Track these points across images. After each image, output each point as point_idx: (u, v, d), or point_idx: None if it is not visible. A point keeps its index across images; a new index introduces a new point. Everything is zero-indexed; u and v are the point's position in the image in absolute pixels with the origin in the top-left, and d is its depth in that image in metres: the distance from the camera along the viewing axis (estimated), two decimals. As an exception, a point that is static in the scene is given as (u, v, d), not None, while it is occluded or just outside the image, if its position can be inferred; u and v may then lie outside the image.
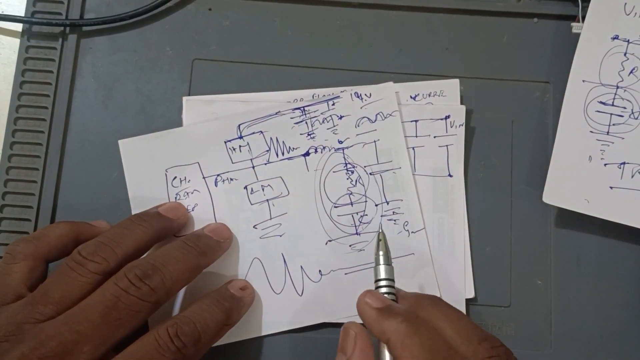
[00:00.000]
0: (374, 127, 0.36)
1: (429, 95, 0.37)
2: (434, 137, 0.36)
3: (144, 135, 0.36)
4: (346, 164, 0.36)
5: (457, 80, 0.37)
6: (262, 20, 0.38)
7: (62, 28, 0.38)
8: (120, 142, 0.36)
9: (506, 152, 0.37)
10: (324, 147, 0.36)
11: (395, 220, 0.35)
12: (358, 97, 0.36)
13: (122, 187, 0.36)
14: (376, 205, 0.35)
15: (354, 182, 0.36)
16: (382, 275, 0.30)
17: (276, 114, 0.36)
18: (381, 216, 0.35)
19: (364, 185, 0.35)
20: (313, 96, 0.37)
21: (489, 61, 0.38)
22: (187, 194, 0.35)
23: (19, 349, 0.26)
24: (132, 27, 0.38)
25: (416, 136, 0.36)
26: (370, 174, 0.36)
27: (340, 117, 0.36)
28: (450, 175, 0.36)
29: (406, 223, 0.35)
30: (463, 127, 0.36)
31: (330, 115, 0.36)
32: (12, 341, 0.26)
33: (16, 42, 0.38)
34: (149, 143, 0.36)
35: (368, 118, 0.36)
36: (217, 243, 0.33)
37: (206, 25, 0.38)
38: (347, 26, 0.38)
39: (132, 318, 0.28)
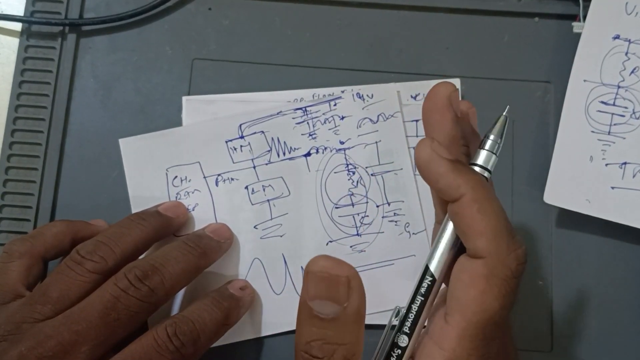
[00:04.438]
0: (375, 128, 0.36)
1: (430, 95, 0.37)
2: None
3: (145, 134, 0.36)
4: (347, 164, 0.36)
5: (457, 80, 0.37)
6: (262, 20, 0.38)
7: (61, 28, 0.38)
8: (120, 140, 0.36)
9: (507, 152, 0.37)
10: (325, 148, 0.36)
11: (396, 222, 0.35)
12: (360, 97, 0.36)
13: (121, 186, 0.36)
14: (377, 206, 0.35)
15: (355, 183, 0.35)
16: (479, 159, 0.25)
17: (278, 114, 0.36)
18: (382, 217, 0.35)
19: (365, 186, 0.35)
20: (313, 96, 0.37)
21: (489, 61, 0.38)
22: (188, 193, 0.35)
23: (18, 348, 0.26)
24: (132, 26, 0.38)
25: (417, 136, 0.36)
26: (372, 175, 0.35)
27: (342, 118, 0.36)
28: None
29: (407, 224, 0.35)
30: (464, 127, 0.36)
31: (332, 116, 0.36)
32: (11, 340, 0.26)
33: (15, 41, 0.38)
34: (150, 142, 0.36)
35: (370, 119, 0.36)
36: (217, 243, 0.33)
37: (206, 25, 0.38)
38: (347, 26, 0.38)
39: (131, 318, 0.28)
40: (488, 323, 0.23)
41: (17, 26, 0.38)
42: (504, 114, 0.25)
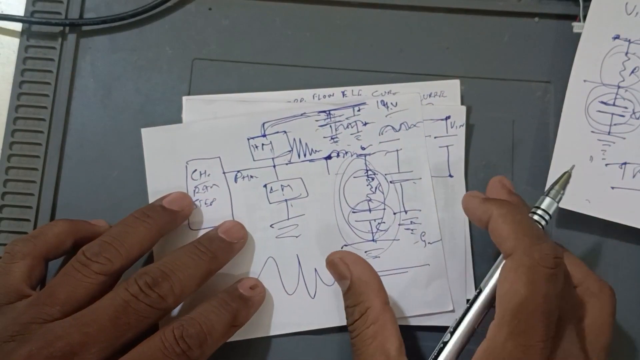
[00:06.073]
0: (397, 136, 0.36)
1: (430, 96, 0.37)
2: (435, 137, 0.36)
3: (167, 126, 0.36)
4: (367, 170, 0.36)
5: (457, 81, 0.37)
6: (262, 20, 0.38)
7: (61, 28, 0.38)
8: (143, 130, 0.36)
9: (507, 152, 0.37)
10: (346, 152, 0.36)
11: (412, 230, 0.35)
12: (384, 105, 0.36)
13: (121, 187, 0.36)
14: (394, 213, 0.35)
15: (373, 189, 0.35)
16: (542, 204, 0.30)
17: (301, 115, 0.36)
18: (398, 225, 0.35)
19: (383, 193, 0.35)
20: (313, 96, 0.37)
21: (489, 61, 0.38)
22: (206, 187, 0.35)
23: (27, 347, 0.26)
24: (132, 26, 0.38)
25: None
26: (391, 182, 0.35)
27: (365, 124, 0.36)
28: (450, 176, 0.36)
29: (423, 233, 0.35)
30: (464, 128, 0.36)
31: (355, 121, 0.36)
32: (19, 340, 0.27)
33: (16, 41, 0.38)
34: (172, 134, 0.36)
35: (392, 127, 0.36)
36: (229, 245, 0.33)
37: (206, 25, 0.38)
38: (347, 26, 0.38)
39: (140, 323, 0.28)
40: (520, 309, 0.26)
41: (17, 26, 0.38)
42: (569, 170, 0.31)
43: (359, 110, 0.36)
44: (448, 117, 0.36)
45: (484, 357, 0.26)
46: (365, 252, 0.35)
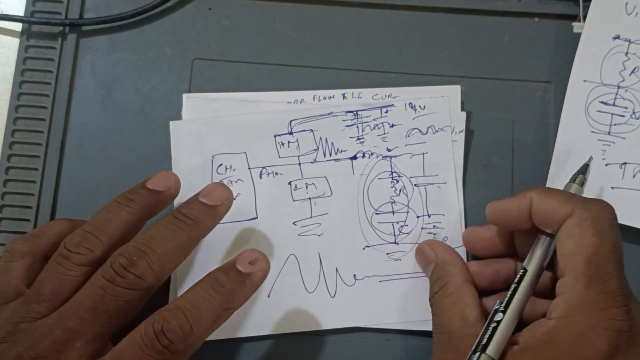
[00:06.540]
0: (424, 139, 0.36)
1: (430, 99, 0.37)
2: None
3: (195, 119, 0.36)
4: (392, 172, 0.36)
5: (458, 87, 0.37)
6: (262, 20, 0.38)
7: (61, 28, 0.38)
8: (171, 123, 0.36)
9: (507, 152, 0.37)
10: (372, 153, 0.36)
11: (435, 234, 0.35)
12: (412, 108, 0.36)
13: (121, 187, 0.36)
14: (417, 216, 0.35)
15: (397, 191, 0.35)
16: (570, 190, 0.31)
17: (329, 114, 0.36)
18: (421, 228, 0.35)
19: (407, 196, 0.35)
20: (314, 97, 0.37)
21: (489, 61, 0.38)
22: (231, 182, 0.35)
23: (15, 349, 0.26)
24: (132, 26, 0.38)
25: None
26: (415, 185, 0.35)
27: (392, 126, 0.36)
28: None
29: (446, 238, 0.35)
30: (463, 134, 0.36)
31: (382, 123, 0.36)
32: (11, 341, 0.26)
33: (15, 41, 0.38)
34: (200, 127, 0.36)
35: (419, 130, 0.36)
36: (211, 210, 0.30)
37: (206, 25, 0.38)
38: (347, 26, 0.38)
39: (123, 308, 0.27)
40: (594, 257, 0.27)
41: (17, 26, 0.38)
42: (588, 162, 0.33)
43: (386, 112, 0.36)
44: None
45: (565, 308, 0.27)
46: (387, 254, 0.35)
